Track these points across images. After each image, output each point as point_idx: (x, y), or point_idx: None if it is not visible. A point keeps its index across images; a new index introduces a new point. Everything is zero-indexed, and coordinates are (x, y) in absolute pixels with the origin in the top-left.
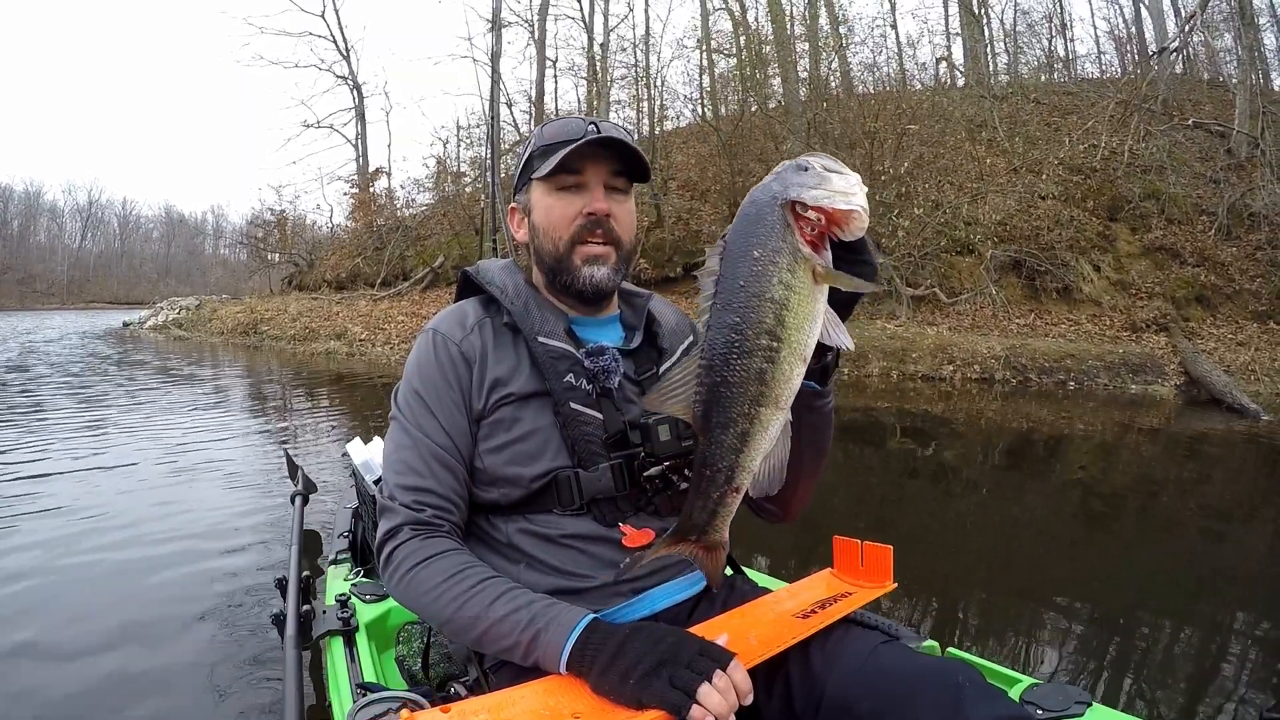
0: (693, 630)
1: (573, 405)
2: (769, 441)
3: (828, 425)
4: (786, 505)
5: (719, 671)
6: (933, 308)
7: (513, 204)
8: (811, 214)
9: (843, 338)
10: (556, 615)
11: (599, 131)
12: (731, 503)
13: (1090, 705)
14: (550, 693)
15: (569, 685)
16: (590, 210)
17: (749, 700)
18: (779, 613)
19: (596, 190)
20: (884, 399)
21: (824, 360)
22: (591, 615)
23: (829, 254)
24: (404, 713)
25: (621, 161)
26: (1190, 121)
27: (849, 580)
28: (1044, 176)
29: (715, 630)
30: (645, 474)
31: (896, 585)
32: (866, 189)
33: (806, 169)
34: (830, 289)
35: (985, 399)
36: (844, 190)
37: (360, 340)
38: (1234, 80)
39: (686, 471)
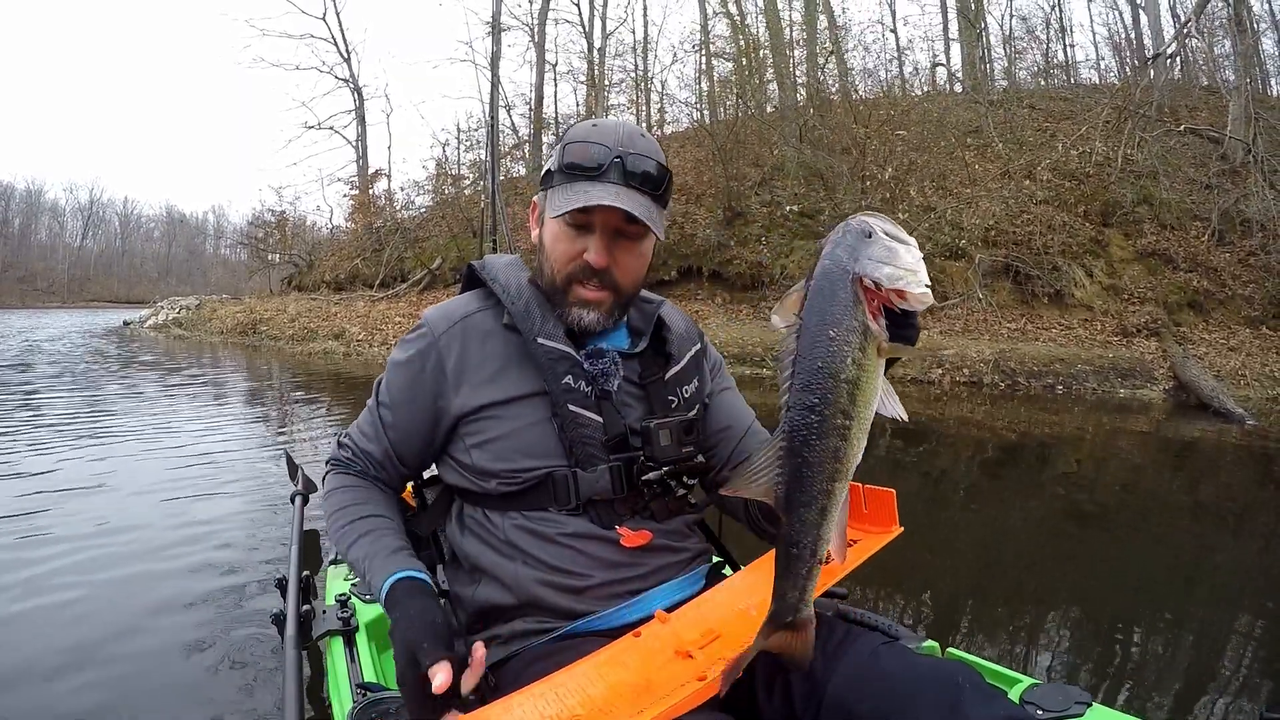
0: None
1: (570, 407)
2: (841, 511)
3: None
4: None
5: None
6: (923, 312)
7: (535, 198)
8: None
9: (898, 409)
10: (376, 573)
11: (622, 172)
12: (816, 574)
13: (1090, 705)
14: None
15: (569, 685)
16: (588, 261)
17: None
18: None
19: (601, 240)
20: None
21: None
22: (396, 577)
23: (884, 319)
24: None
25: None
26: (1182, 127)
27: (852, 526)
28: (1028, 182)
29: (714, 607)
30: (644, 478)
31: (903, 530)
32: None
33: (870, 235)
34: None
35: (974, 402)
36: (912, 268)
37: (358, 341)
38: (1230, 85)
39: (685, 478)
